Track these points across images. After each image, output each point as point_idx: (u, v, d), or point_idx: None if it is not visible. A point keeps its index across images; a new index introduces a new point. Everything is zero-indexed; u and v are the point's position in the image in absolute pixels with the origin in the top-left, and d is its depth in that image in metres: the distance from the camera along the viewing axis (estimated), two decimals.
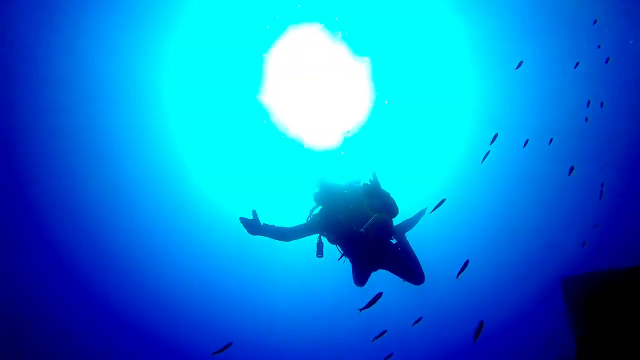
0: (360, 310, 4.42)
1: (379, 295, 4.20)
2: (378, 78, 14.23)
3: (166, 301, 20.29)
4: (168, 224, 19.34)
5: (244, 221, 4.26)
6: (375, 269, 4.76)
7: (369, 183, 3.80)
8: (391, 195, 3.94)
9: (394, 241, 4.84)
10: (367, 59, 13.64)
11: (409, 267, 4.69)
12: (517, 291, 19.90)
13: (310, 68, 13.22)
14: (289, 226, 4.53)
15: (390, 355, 8.14)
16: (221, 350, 5.12)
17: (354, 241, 4.47)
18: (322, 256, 4.52)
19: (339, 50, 13.25)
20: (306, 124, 13.50)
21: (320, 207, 4.56)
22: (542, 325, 16.94)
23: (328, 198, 4.40)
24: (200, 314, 20.69)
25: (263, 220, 4.33)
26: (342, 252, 4.63)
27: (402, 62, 15.41)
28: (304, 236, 4.57)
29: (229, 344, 5.13)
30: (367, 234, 4.33)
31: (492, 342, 17.84)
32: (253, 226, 4.24)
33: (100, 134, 16.01)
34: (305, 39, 13.02)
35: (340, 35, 13.05)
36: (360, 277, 4.83)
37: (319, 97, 13.54)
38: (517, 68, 12.41)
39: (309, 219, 4.57)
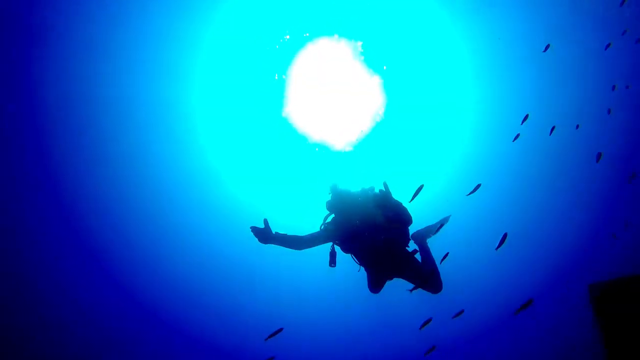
0: (411, 290, 4.57)
1: None
2: (389, 83, 14.28)
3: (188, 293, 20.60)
4: (202, 221, 19.81)
5: (255, 230, 4.20)
6: (391, 278, 4.66)
7: (379, 193, 3.69)
8: (403, 204, 3.83)
9: (410, 248, 4.72)
10: (381, 65, 13.97)
11: (426, 276, 4.56)
12: (541, 287, 19.28)
13: (326, 77, 13.93)
14: (301, 235, 4.47)
15: (432, 348, 7.93)
16: (272, 335, 5.12)
17: (368, 249, 4.38)
18: (335, 265, 4.44)
19: (354, 61, 13.74)
20: (324, 128, 14.16)
21: (333, 215, 4.49)
22: (567, 326, 16.40)
23: (340, 206, 4.32)
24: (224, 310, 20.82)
25: (275, 228, 4.28)
26: (356, 261, 4.55)
27: (414, 65, 15.37)
28: (317, 245, 4.49)
29: (280, 329, 5.08)
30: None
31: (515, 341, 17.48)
32: (264, 235, 4.19)
33: (142, 143, 17.35)
34: (323, 50, 13.67)
35: (360, 45, 13.50)
36: (376, 284, 4.74)
37: (335, 103, 14.18)
38: (544, 51, 12.57)
39: (322, 227, 4.50)
